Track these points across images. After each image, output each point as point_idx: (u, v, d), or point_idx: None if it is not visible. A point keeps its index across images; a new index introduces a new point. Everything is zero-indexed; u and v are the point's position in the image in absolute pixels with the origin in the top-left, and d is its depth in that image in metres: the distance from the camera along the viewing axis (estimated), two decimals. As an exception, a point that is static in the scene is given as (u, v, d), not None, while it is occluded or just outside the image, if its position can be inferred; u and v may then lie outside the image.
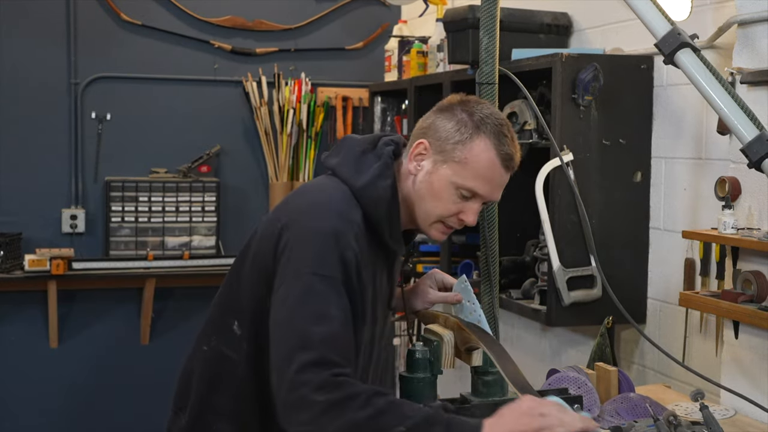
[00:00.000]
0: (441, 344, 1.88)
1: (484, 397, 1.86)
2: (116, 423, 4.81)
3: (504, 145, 1.85)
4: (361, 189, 1.84)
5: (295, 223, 1.81)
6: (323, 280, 1.73)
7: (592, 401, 2.26)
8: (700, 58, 2.16)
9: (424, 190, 1.87)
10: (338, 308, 1.72)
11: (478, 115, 1.85)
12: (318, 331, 1.68)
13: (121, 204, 4.69)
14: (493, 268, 2.51)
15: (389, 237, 1.87)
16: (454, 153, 1.84)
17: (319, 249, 1.75)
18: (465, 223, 1.89)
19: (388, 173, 1.87)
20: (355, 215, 1.82)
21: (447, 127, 1.86)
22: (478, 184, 1.85)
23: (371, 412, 1.60)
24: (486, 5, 2.38)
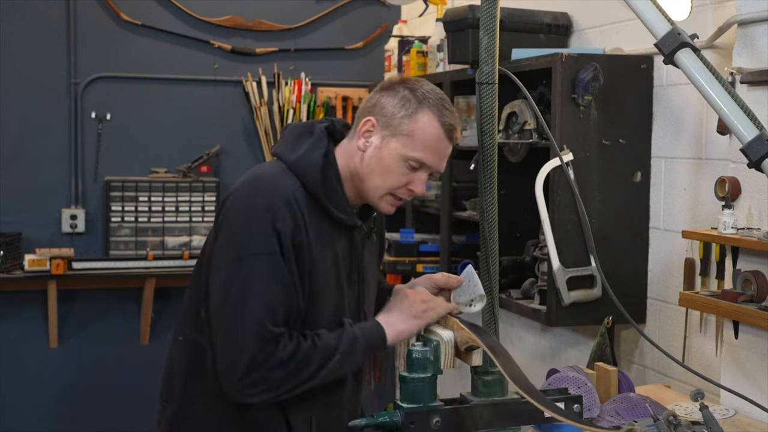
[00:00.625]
0: (441, 344, 1.88)
1: (484, 397, 1.85)
2: (116, 423, 4.81)
3: (446, 117, 1.97)
4: (295, 161, 1.96)
5: (231, 203, 1.95)
6: (261, 257, 1.87)
7: (592, 401, 2.26)
8: (700, 58, 2.16)
9: (374, 164, 1.98)
10: (277, 281, 1.87)
11: (420, 90, 1.97)
12: (262, 312, 1.85)
13: (120, 204, 4.70)
14: (493, 267, 2.51)
15: (330, 205, 1.97)
16: (401, 127, 1.96)
17: (252, 227, 1.89)
18: (414, 193, 2.02)
19: (320, 144, 1.98)
20: (290, 185, 1.93)
21: (392, 104, 1.97)
22: (425, 155, 1.97)
23: (316, 365, 1.89)
24: (486, 5, 2.38)
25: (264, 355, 1.85)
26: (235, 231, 1.92)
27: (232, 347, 1.87)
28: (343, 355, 1.92)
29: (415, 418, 1.76)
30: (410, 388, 1.79)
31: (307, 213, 1.93)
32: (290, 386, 1.89)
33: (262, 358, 1.85)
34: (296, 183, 1.94)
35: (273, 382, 1.87)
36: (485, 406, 1.83)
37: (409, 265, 3.90)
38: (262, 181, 1.95)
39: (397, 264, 3.91)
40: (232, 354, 1.86)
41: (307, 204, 1.94)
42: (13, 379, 4.70)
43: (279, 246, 1.88)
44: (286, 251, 1.89)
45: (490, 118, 2.46)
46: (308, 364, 1.89)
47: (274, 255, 1.88)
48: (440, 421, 1.78)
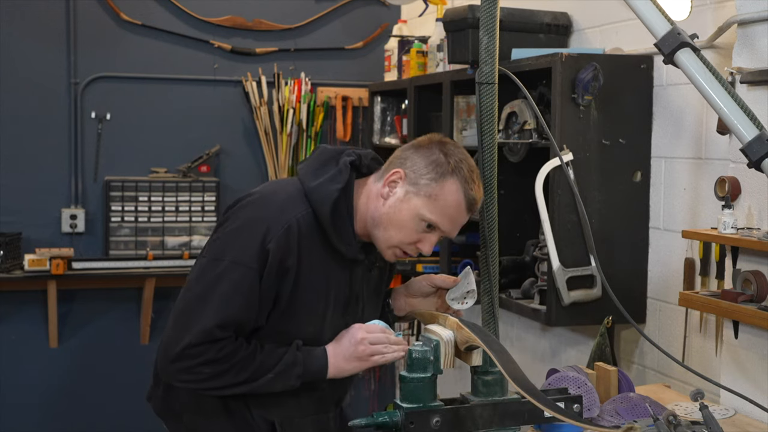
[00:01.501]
0: (441, 344, 1.88)
1: (484, 397, 1.86)
2: (116, 422, 4.81)
3: (471, 191, 2.04)
4: (311, 189, 2.03)
5: (242, 206, 2.05)
6: (238, 267, 1.96)
7: (591, 401, 2.26)
8: (700, 57, 2.15)
9: (391, 215, 2.03)
10: (241, 292, 1.96)
11: (453, 158, 2.03)
12: (216, 314, 1.94)
13: (120, 204, 4.70)
14: (493, 267, 2.51)
15: (335, 238, 2.02)
16: (426, 188, 2.01)
17: (244, 238, 1.98)
18: (420, 251, 2.07)
19: (340, 178, 2.04)
20: (299, 211, 2.01)
21: (424, 163, 2.03)
22: (442, 220, 2.03)
23: (246, 376, 1.97)
24: (486, 5, 2.38)
25: (199, 350, 1.94)
26: (230, 233, 2.01)
27: (176, 332, 1.97)
28: (276, 375, 2.00)
29: (415, 418, 1.76)
30: (410, 387, 1.80)
31: (308, 241, 2.00)
32: (217, 385, 1.99)
33: (196, 352, 1.94)
34: (307, 210, 2.02)
35: (200, 376, 1.96)
36: (485, 406, 1.83)
37: (409, 265, 3.90)
38: (275, 199, 2.04)
39: (397, 264, 3.90)
40: (174, 338, 1.97)
41: (311, 232, 2.01)
42: (13, 379, 4.70)
43: (263, 264, 1.96)
44: (269, 270, 1.97)
45: (490, 117, 2.46)
46: (239, 372, 1.98)
47: (251, 270, 1.96)
48: (440, 421, 1.78)
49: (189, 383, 2.01)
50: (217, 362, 1.96)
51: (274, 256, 1.96)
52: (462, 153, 2.06)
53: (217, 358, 1.95)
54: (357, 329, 2.05)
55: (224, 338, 1.96)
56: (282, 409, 2.11)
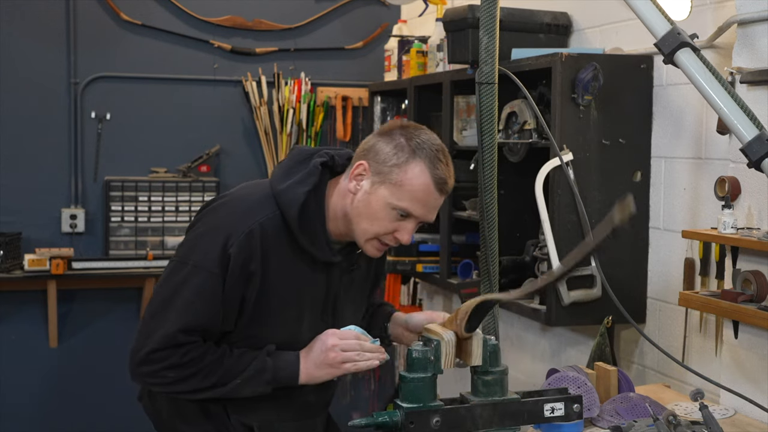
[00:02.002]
0: (441, 344, 1.88)
1: (484, 397, 1.85)
2: (116, 422, 4.81)
3: (438, 170, 1.97)
4: (279, 192, 2.00)
5: (211, 209, 2.05)
6: (201, 271, 1.95)
7: (591, 401, 2.26)
8: (700, 57, 2.16)
9: (362, 208, 1.99)
10: (204, 297, 1.95)
11: (415, 140, 1.97)
12: (179, 319, 1.94)
13: (120, 204, 4.70)
14: (492, 267, 2.52)
15: (305, 241, 2.00)
16: (390, 175, 1.96)
17: (207, 242, 1.97)
18: (400, 241, 2.02)
19: (309, 181, 2.00)
20: (264, 214, 1.98)
21: (386, 150, 1.98)
22: (413, 206, 1.97)
23: (213, 380, 1.97)
24: (486, 5, 2.39)
25: (162, 355, 1.95)
26: (197, 236, 2.02)
27: (142, 336, 1.99)
28: (244, 381, 1.98)
29: (415, 417, 1.76)
30: (410, 387, 1.79)
31: (275, 244, 1.98)
32: (184, 389, 1.99)
33: (159, 357, 1.95)
34: (274, 213, 1.99)
35: (165, 380, 1.97)
36: (485, 406, 1.83)
37: (409, 264, 3.90)
38: (242, 203, 2.03)
39: (397, 264, 3.90)
40: (139, 342, 1.99)
41: (278, 234, 1.99)
42: (13, 379, 4.70)
43: (225, 268, 1.95)
44: (231, 274, 1.95)
45: (490, 117, 2.46)
46: (206, 376, 1.97)
47: (213, 275, 1.95)
48: (440, 421, 1.78)
49: (156, 386, 2.04)
50: (181, 367, 1.95)
51: (235, 261, 1.94)
52: (426, 134, 2.00)
53: (182, 362, 1.95)
54: (329, 335, 2.01)
55: (189, 343, 1.95)
56: (260, 414, 2.09)
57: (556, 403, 1.87)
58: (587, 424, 2.23)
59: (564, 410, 1.87)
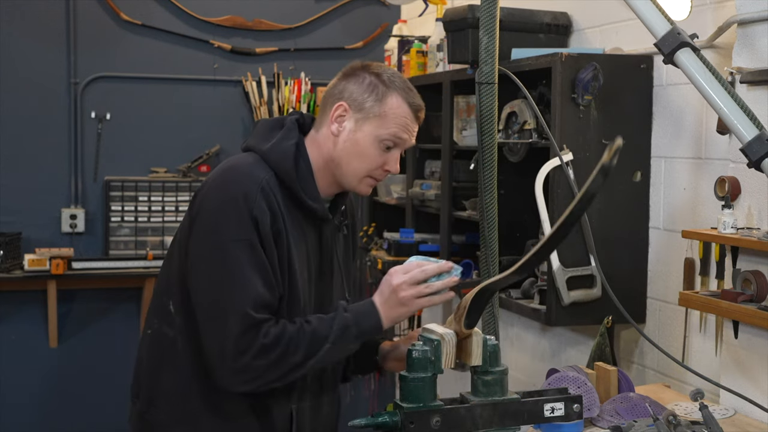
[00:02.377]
0: (441, 343, 1.88)
1: (483, 397, 1.85)
2: (115, 422, 4.80)
3: (413, 98, 2.06)
4: (267, 151, 2.00)
5: (206, 193, 1.99)
6: (239, 244, 1.90)
7: (591, 401, 2.26)
8: (700, 57, 2.16)
9: (349, 148, 2.02)
10: (256, 269, 1.89)
11: (385, 75, 2.05)
12: (244, 298, 1.87)
13: (120, 203, 4.70)
14: (492, 267, 2.51)
15: (304, 194, 2.00)
16: (373, 110, 2.01)
17: (230, 214, 1.91)
18: (390, 172, 2.06)
19: (291, 135, 2.03)
20: (263, 173, 1.96)
21: (361, 89, 2.03)
22: (399, 133, 2.03)
23: (303, 352, 1.89)
24: (486, 5, 2.39)
25: (246, 341, 1.86)
26: (213, 219, 1.94)
27: (217, 335, 1.89)
28: (334, 344, 1.93)
29: (415, 417, 1.76)
30: (410, 387, 1.79)
31: (281, 202, 1.97)
32: (278, 374, 1.90)
33: (245, 345, 1.86)
34: (269, 173, 1.98)
35: (258, 370, 1.88)
36: (485, 406, 1.82)
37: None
38: (237, 170, 1.99)
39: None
40: (217, 342, 1.88)
41: (282, 195, 1.98)
42: (13, 379, 4.70)
43: (257, 233, 1.91)
44: (264, 238, 1.92)
45: (490, 117, 2.46)
46: (295, 352, 1.89)
47: (251, 242, 1.90)
48: (440, 421, 1.77)
49: (252, 383, 1.90)
50: (266, 350, 1.86)
51: (263, 222, 1.91)
52: (390, 69, 2.09)
53: (265, 344, 1.86)
54: (393, 274, 1.99)
55: (263, 320, 1.88)
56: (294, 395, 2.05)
57: (556, 403, 1.87)
58: (587, 424, 2.23)
59: (564, 410, 1.87)
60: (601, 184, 1.62)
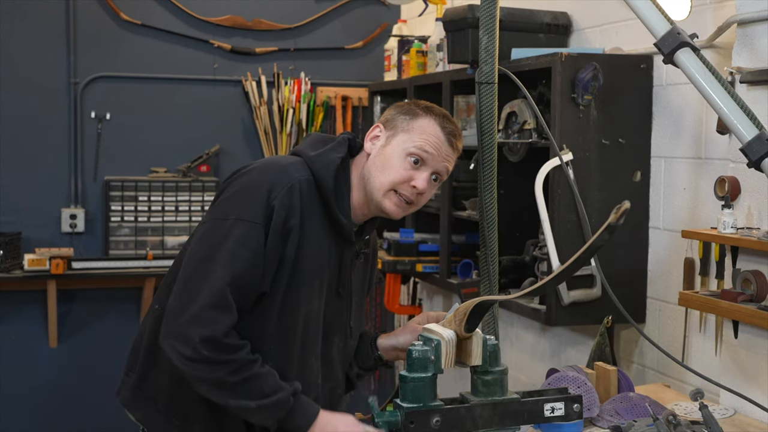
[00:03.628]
0: (441, 343, 1.88)
1: (483, 397, 1.85)
2: (115, 422, 4.80)
3: (446, 124, 2.07)
4: (313, 157, 2.04)
5: (240, 174, 2.04)
6: (244, 223, 1.93)
7: (591, 401, 2.26)
8: (700, 57, 2.16)
9: (378, 161, 2.06)
10: (250, 250, 1.91)
11: (425, 104, 2.10)
12: (229, 270, 1.89)
13: (120, 203, 4.70)
14: (492, 267, 2.51)
15: (337, 207, 2.02)
16: (402, 125, 2.06)
17: (248, 197, 1.96)
18: (417, 190, 2.04)
19: (340, 149, 2.07)
20: (300, 175, 2.00)
21: (397, 111, 2.10)
22: (426, 147, 2.03)
23: (237, 380, 1.89)
24: (486, 5, 2.38)
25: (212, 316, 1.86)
26: (233, 194, 1.99)
27: (183, 299, 1.90)
28: (259, 409, 1.91)
29: (415, 417, 1.76)
30: (410, 387, 1.79)
31: (309, 205, 1.99)
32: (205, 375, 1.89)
33: (208, 318, 1.86)
34: (309, 177, 2.02)
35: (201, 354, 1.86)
36: (485, 406, 1.83)
37: (409, 264, 3.90)
38: (275, 164, 2.05)
39: (397, 264, 3.91)
40: (182, 302, 1.90)
41: (311, 197, 2.00)
42: (13, 379, 4.70)
43: (268, 220, 1.93)
44: (274, 228, 1.94)
45: (490, 117, 2.46)
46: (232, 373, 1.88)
47: (257, 225, 1.93)
48: (440, 421, 1.78)
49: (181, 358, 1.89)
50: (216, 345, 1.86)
51: (278, 214, 1.94)
52: (438, 106, 2.12)
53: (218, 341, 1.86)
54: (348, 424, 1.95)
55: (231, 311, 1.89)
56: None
57: (556, 403, 1.87)
58: (587, 423, 2.24)
59: (564, 410, 1.87)
60: (606, 240, 1.70)
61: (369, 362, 2.27)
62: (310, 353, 2.07)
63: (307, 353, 2.06)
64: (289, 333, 2.02)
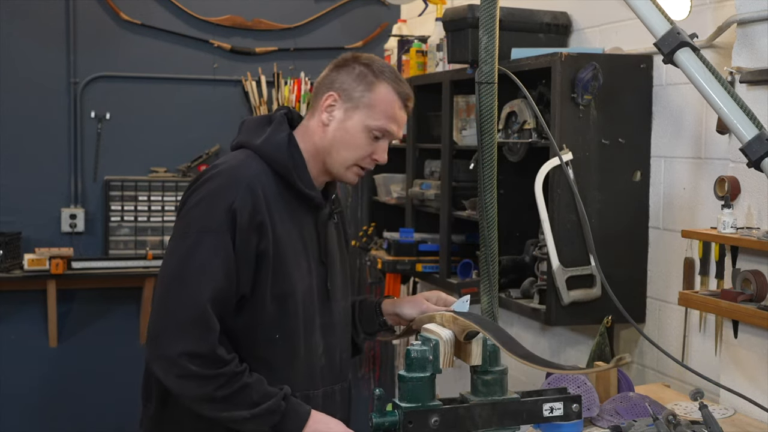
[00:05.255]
0: (440, 343, 1.88)
1: (483, 397, 1.85)
2: (116, 422, 4.81)
3: (402, 88, 2.09)
4: (260, 144, 2.05)
5: (197, 187, 2.02)
6: (209, 234, 1.93)
7: (591, 400, 2.26)
8: (700, 57, 2.15)
9: (339, 137, 2.06)
10: (221, 259, 1.91)
11: (374, 65, 2.08)
12: (201, 288, 1.89)
13: (120, 203, 4.70)
14: (492, 267, 2.51)
15: (299, 181, 2.03)
16: (363, 99, 2.05)
17: (208, 205, 1.95)
18: (378, 161, 2.10)
19: (283, 128, 2.07)
20: (254, 169, 2.00)
21: (350, 79, 2.07)
22: (388, 123, 2.07)
23: (227, 393, 1.89)
24: (485, 4, 2.38)
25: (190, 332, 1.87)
26: (192, 209, 1.98)
27: (160, 319, 1.91)
28: (253, 418, 1.92)
29: (413, 417, 1.76)
30: (409, 387, 1.79)
31: (272, 195, 2.00)
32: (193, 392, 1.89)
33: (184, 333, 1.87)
34: (263, 166, 2.02)
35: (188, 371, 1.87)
36: (484, 406, 1.82)
37: (409, 264, 3.90)
38: (228, 167, 2.03)
39: (397, 263, 3.91)
40: (158, 323, 1.90)
41: (273, 186, 2.01)
42: (13, 379, 4.70)
43: (232, 224, 1.93)
44: (240, 229, 1.93)
45: (490, 117, 2.45)
46: (221, 387, 1.89)
47: (222, 233, 1.93)
48: (439, 421, 1.77)
49: (170, 378, 1.90)
50: (205, 361, 1.87)
51: (241, 215, 1.93)
52: (379, 60, 2.12)
53: (206, 356, 1.88)
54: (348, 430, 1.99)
55: (215, 328, 1.89)
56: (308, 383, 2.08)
57: (555, 403, 1.87)
58: (587, 423, 2.23)
59: (563, 410, 1.87)
60: None
61: (374, 327, 2.31)
62: (312, 331, 2.08)
63: (310, 331, 2.07)
64: (290, 318, 2.03)
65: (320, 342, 2.11)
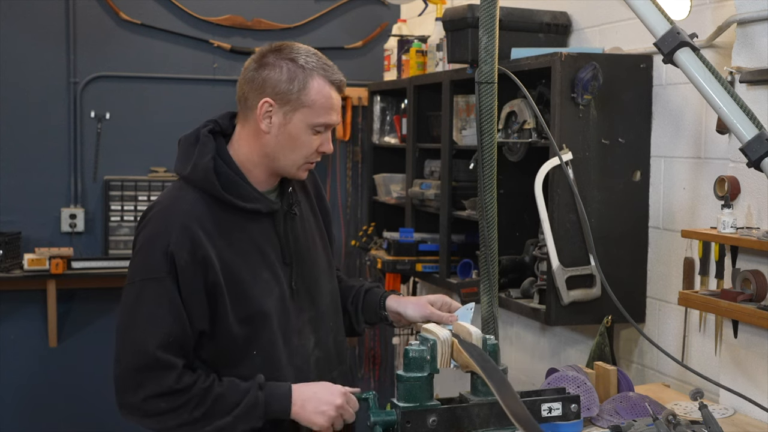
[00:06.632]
0: (438, 343, 1.88)
1: (483, 396, 1.85)
2: (115, 422, 4.79)
3: (333, 75, 2.11)
4: (189, 174, 2.05)
5: (139, 232, 2.07)
6: (149, 282, 1.95)
7: (591, 400, 2.26)
8: (700, 57, 2.15)
9: (284, 141, 2.05)
10: (165, 307, 1.94)
11: (300, 59, 2.06)
12: (148, 336, 1.92)
13: (120, 203, 4.70)
14: (492, 267, 2.51)
15: (240, 199, 2.02)
16: (299, 99, 2.04)
17: (144, 254, 1.99)
18: (325, 152, 2.11)
19: (207, 150, 2.05)
20: (185, 202, 2.01)
21: (281, 80, 2.04)
22: (327, 117, 2.08)
23: (203, 410, 1.92)
24: (485, 4, 2.38)
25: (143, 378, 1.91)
26: (134, 257, 2.03)
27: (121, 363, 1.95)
28: (237, 419, 1.95)
29: (411, 417, 1.76)
30: (407, 387, 1.79)
31: (212, 223, 1.99)
32: (172, 423, 1.93)
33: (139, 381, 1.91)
34: (197, 194, 2.02)
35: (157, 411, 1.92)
36: (482, 406, 1.82)
37: (409, 264, 3.90)
38: (162, 208, 2.04)
39: (397, 263, 3.91)
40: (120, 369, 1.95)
41: (213, 212, 2.00)
42: (13, 379, 4.70)
43: (172, 267, 1.94)
44: (182, 270, 1.94)
45: (490, 117, 2.45)
46: (197, 406, 1.93)
47: (163, 279, 1.94)
48: (437, 421, 1.77)
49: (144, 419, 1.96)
50: (171, 395, 1.91)
51: (180, 256, 1.94)
52: (298, 47, 2.10)
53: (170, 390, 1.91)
54: (343, 394, 2.00)
55: (174, 365, 1.92)
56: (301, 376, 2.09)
57: (554, 403, 1.87)
58: (587, 423, 2.23)
59: (561, 410, 1.87)
60: None
61: (375, 319, 2.33)
62: (290, 334, 2.08)
63: (289, 336, 2.07)
64: (264, 333, 2.03)
65: (310, 336, 2.13)
